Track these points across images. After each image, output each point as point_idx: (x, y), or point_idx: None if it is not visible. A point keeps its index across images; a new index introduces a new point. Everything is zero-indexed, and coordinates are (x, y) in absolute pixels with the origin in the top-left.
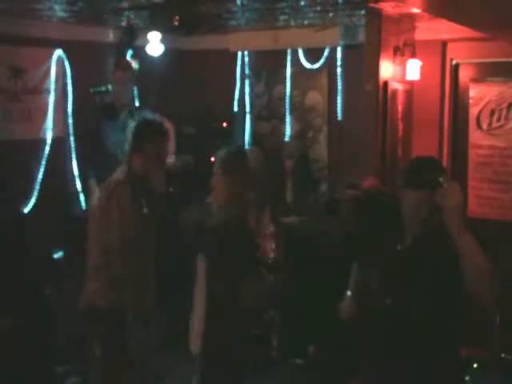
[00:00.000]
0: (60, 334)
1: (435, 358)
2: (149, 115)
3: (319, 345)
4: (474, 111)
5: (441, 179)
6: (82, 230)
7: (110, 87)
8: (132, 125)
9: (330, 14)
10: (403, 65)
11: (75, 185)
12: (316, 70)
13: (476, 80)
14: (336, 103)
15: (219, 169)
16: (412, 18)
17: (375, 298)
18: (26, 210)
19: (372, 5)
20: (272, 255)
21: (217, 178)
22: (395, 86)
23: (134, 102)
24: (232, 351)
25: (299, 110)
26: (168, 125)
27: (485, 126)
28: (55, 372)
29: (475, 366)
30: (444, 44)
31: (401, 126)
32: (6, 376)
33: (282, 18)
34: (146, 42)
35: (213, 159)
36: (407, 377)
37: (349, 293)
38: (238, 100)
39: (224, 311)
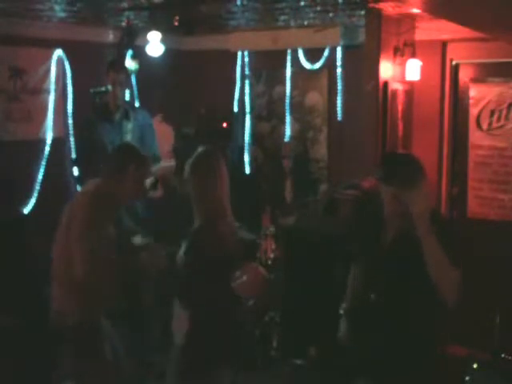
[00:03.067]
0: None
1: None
2: (145, 115)
3: (319, 345)
4: (474, 111)
5: (414, 177)
6: None
7: (110, 88)
8: (129, 126)
9: (330, 15)
10: (403, 65)
11: (75, 185)
12: (316, 70)
13: (476, 80)
14: (336, 103)
15: (190, 173)
16: (412, 18)
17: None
18: (26, 210)
19: (372, 5)
20: (272, 255)
21: (189, 183)
22: (395, 86)
23: (128, 103)
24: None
25: (299, 110)
26: (166, 127)
27: (485, 126)
28: (55, 372)
29: (475, 366)
30: (444, 44)
31: (401, 126)
32: (6, 376)
33: (281, 18)
34: (146, 42)
35: None
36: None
37: (342, 314)
38: (238, 100)
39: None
